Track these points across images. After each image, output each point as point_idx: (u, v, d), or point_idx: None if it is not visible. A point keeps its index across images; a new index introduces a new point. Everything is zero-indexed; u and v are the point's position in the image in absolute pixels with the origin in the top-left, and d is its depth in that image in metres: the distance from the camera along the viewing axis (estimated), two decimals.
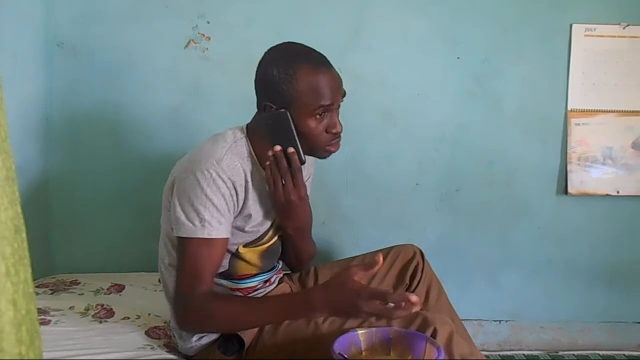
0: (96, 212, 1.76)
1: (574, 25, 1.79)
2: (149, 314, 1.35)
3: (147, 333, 1.27)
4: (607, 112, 1.84)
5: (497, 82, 1.81)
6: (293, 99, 1.07)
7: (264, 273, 1.25)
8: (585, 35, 1.80)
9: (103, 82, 1.70)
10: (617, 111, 1.84)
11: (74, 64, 1.69)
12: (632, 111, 1.84)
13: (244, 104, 1.74)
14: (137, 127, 1.73)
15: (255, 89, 1.14)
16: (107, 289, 1.52)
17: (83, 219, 1.76)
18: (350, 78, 1.74)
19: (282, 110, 1.07)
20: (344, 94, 1.13)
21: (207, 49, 1.72)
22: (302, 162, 1.11)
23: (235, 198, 1.10)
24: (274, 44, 1.71)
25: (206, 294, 1.05)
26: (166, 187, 1.16)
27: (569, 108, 1.83)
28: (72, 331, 1.24)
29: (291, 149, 1.09)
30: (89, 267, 1.72)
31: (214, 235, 1.05)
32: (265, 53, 1.15)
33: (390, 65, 1.77)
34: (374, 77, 1.74)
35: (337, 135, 1.13)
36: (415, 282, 1.35)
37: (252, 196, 1.14)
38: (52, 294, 1.47)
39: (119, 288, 1.53)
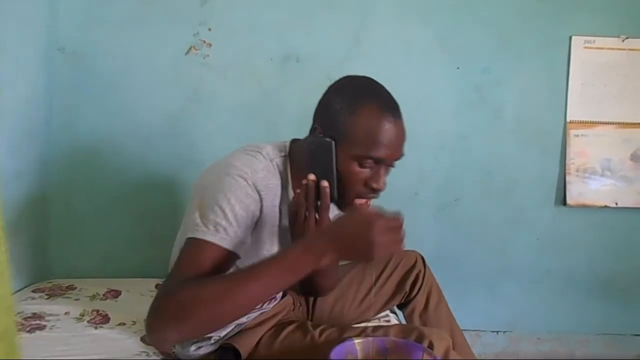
0: (94, 217, 1.75)
1: (573, 37, 1.81)
2: (145, 320, 1.34)
3: (142, 340, 1.25)
4: (605, 123, 1.84)
5: (497, 92, 1.82)
6: (345, 134, 0.96)
7: None
8: (585, 48, 1.81)
9: (103, 88, 1.71)
10: (615, 123, 1.84)
11: (74, 69, 1.69)
12: (631, 123, 1.85)
13: (244, 111, 1.76)
14: (137, 133, 1.73)
15: (315, 109, 1.05)
16: (104, 295, 1.51)
17: (81, 223, 1.75)
18: None
19: (329, 139, 0.97)
20: (401, 155, 1.01)
21: (208, 55, 1.72)
22: (333, 200, 0.99)
23: (258, 214, 1.00)
24: (275, 52, 1.75)
25: (188, 280, 0.87)
26: (194, 190, 1.07)
27: (568, 119, 1.84)
28: (67, 337, 1.23)
29: (325, 183, 0.97)
30: (85, 272, 1.71)
31: (225, 245, 0.93)
32: (341, 78, 1.05)
33: (390, 74, 1.74)
34: None
35: (375, 193, 1.00)
36: (416, 289, 1.35)
37: (279, 220, 1.05)
38: (48, 298, 1.46)
39: (116, 294, 1.52)
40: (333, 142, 0.97)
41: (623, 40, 1.82)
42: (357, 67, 1.75)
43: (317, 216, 0.99)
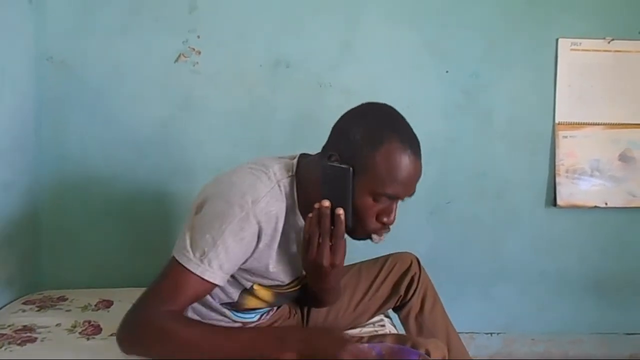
0: (85, 227, 1.74)
1: (560, 40, 1.82)
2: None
3: None
4: (593, 124, 1.86)
5: (486, 95, 1.83)
6: (365, 168, 0.94)
7: (271, 306, 1.20)
8: (571, 50, 1.83)
9: (93, 96, 1.70)
10: (603, 124, 1.86)
11: (63, 78, 1.68)
12: (618, 124, 1.87)
13: (235, 118, 1.76)
14: (127, 142, 1.72)
15: (332, 133, 1.02)
16: (95, 305, 1.50)
17: (71, 233, 1.74)
18: (340, 92, 1.77)
19: (346, 167, 0.94)
20: (413, 192, 1.01)
21: (197, 63, 1.72)
22: (347, 228, 0.97)
23: (254, 245, 0.99)
24: (265, 58, 1.75)
25: (170, 312, 0.91)
26: (194, 205, 1.05)
27: (556, 121, 1.85)
28: (59, 349, 1.22)
29: (340, 210, 0.94)
30: (77, 282, 1.69)
31: (207, 277, 0.93)
32: (363, 105, 1.03)
33: (380, 78, 1.78)
34: (364, 90, 1.75)
35: (386, 226, 1.00)
36: (411, 292, 1.34)
37: (281, 244, 1.03)
38: (38, 310, 1.45)
39: (107, 304, 1.51)
40: (351, 170, 0.94)
41: (609, 42, 1.84)
42: (347, 72, 1.77)
43: (331, 243, 0.97)
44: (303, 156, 1.07)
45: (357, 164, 0.95)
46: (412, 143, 0.98)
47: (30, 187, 1.66)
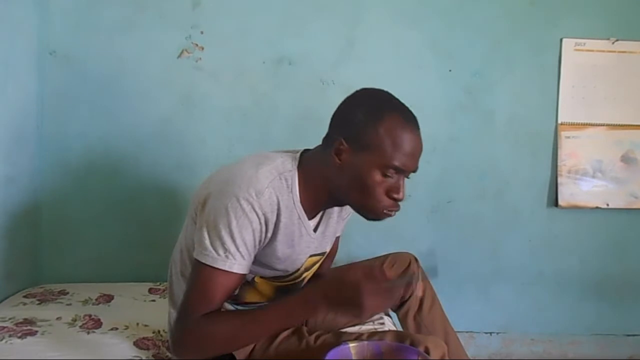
0: (86, 221, 1.74)
1: (564, 40, 1.82)
2: (138, 324, 1.33)
3: (135, 344, 1.25)
4: (596, 125, 1.86)
5: (489, 95, 1.83)
6: (371, 144, 0.98)
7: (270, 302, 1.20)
8: (575, 50, 1.83)
9: (95, 91, 1.70)
10: (606, 125, 1.86)
11: (66, 72, 1.69)
12: (621, 125, 1.86)
13: (237, 114, 1.76)
14: (129, 137, 1.72)
15: (332, 122, 1.06)
16: (96, 299, 1.50)
17: (73, 227, 1.74)
18: (342, 90, 1.75)
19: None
20: (417, 168, 1.05)
21: (200, 58, 1.72)
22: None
23: (264, 234, 1.03)
24: (267, 55, 1.74)
25: (205, 316, 0.98)
26: (197, 198, 1.07)
27: (559, 121, 1.85)
28: (59, 342, 1.22)
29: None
30: (77, 276, 1.70)
31: (235, 269, 0.98)
32: (357, 91, 1.07)
33: (382, 77, 1.75)
34: None
35: (397, 203, 1.03)
36: (409, 292, 1.34)
37: (282, 237, 1.05)
38: (39, 304, 1.45)
39: (108, 298, 1.52)
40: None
41: (613, 43, 1.83)
42: (350, 70, 1.77)
43: None
44: (306, 151, 1.10)
45: (364, 142, 0.99)
46: (411, 117, 1.03)
47: (31, 182, 1.66)
